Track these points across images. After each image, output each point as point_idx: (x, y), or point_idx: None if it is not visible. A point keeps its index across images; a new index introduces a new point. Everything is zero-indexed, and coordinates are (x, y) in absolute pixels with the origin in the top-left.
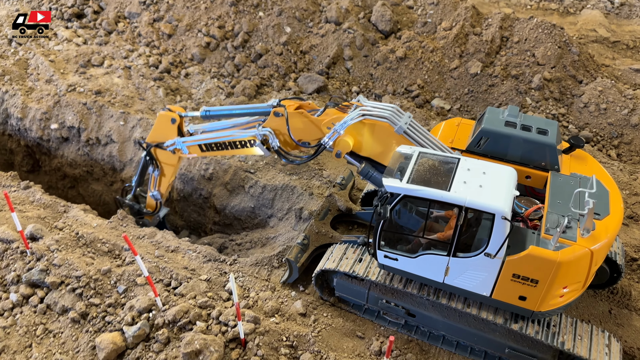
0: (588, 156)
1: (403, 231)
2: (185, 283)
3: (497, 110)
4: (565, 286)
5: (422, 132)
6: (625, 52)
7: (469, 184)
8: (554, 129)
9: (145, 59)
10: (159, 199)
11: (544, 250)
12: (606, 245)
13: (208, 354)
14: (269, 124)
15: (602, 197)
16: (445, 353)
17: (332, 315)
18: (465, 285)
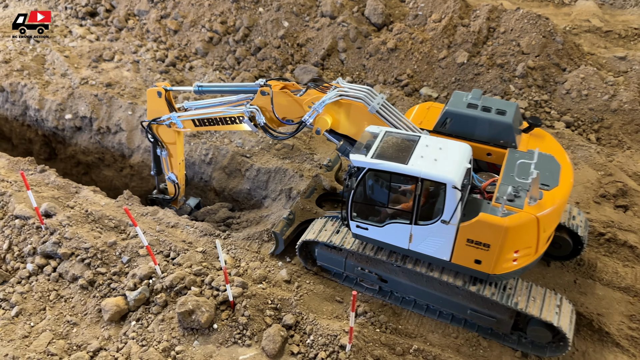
0: (546, 134)
1: (371, 203)
2: (182, 254)
3: (462, 94)
4: (516, 250)
5: (394, 113)
6: (617, 41)
7: (426, 158)
8: (513, 109)
9: (152, 54)
10: (175, 181)
11: (492, 216)
12: (553, 212)
13: (200, 313)
14: (256, 101)
15: (554, 170)
16: (415, 316)
17: (314, 283)
18: (427, 251)
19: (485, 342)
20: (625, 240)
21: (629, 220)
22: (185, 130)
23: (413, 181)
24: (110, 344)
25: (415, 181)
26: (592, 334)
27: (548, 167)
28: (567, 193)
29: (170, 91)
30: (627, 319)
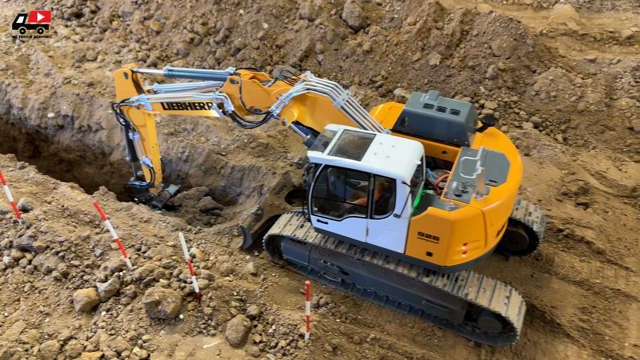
0: (500, 133)
1: (330, 198)
2: (153, 248)
3: (420, 95)
4: (465, 243)
5: (358, 110)
6: (592, 44)
7: (379, 155)
8: (466, 110)
9: (135, 54)
10: (149, 165)
11: (440, 210)
12: (500, 207)
13: (166, 304)
14: (225, 89)
15: (503, 167)
16: (375, 307)
17: (279, 275)
18: (383, 244)
19: (440, 332)
20: (582, 236)
21: (589, 217)
22: (154, 112)
23: (366, 177)
24: (81, 333)
25: (368, 177)
26: (544, 325)
27: (497, 165)
28: (514, 189)
29: (137, 72)
30: (580, 311)
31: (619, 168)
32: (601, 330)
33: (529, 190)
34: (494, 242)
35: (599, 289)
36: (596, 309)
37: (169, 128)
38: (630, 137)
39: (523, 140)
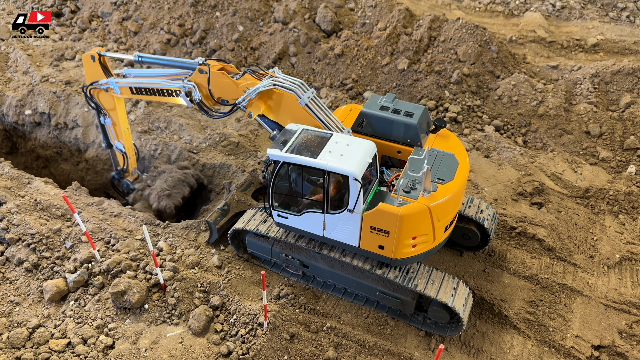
0: (451, 135)
1: (289, 194)
2: (122, 241)
3: (377, 97)
4: (413, 237)
5: (322, 108)
6: (559, 51)
7: (333, 153)
8: (420, 112)
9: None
10: (122, 150)
11: (389, 205)
12: (446, 203)
13: (131, 294)
14: (194, 78)
15: (451, 166)
16: (334, 298)
17: (243, 268)
18: (339, 238)
19: (392, 322)
20: (534, 234)
21: (542, 216)
22: (122, 96)
23: (322, 174)
24: (49, 321)
25: (323, 174)
26: (493, 317)
27: (446, 164)
28: (461, 186)
29: (105, 56)
30: (527, 304)
31: (574, 170)
32: (546, 322)
33: (486, 190)
34: (442, 236)
35: (546, 284)
36: (543, 302)
37: (143, 126)
38: (586, 141)
39: (484, 142)
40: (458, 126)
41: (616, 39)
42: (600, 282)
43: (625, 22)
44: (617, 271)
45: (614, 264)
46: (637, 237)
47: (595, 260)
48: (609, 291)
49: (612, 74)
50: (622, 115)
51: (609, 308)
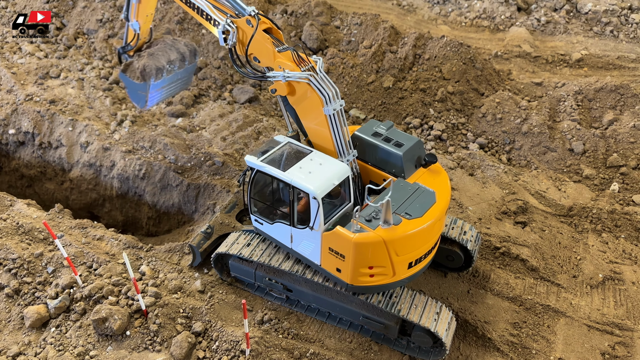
0: (442, 172)
1: (264, 202)
2: (104, 265)
3: (376, 123)
4: (370, 267)
5: (341, 123)
6: (544, 66)
7: (303, 169)
8: (411, 143)
9: (97, 72)
10: (136, 31)
11: (345, 230)
12: (406, 239)
13: (112, 320)
14: (238, 23)
15: (425, 204)
16: (318, 322)
17: (227, 292)
18: (304, 253)
19: (376, 346)
20: (518, 254)
21: (525, 235)
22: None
23: (288, 187)
24: (30, 349)
25: (288, 187)
26: (476, 339)
27: (422, 200)
28: (431, 225)
29: None
30: (511, 326)
31: (558, 188)
32: (529, 345)
33: (470, 209)
34: (404, 273)
35: (530, 305)
36: (526, 324)
37: (127, 146)
38: (570, 158)
39: (468, 160)
40: (443, 144)
41: (600, 54)
42: (584, 302)
43: (609, 36)
44: (600, 291)
45: (597, 283)
46: (619, 256)
47: (578, 280)
48: (592, 312)
49: (595, 91)
50: (604, 132)
51: (592, 329)
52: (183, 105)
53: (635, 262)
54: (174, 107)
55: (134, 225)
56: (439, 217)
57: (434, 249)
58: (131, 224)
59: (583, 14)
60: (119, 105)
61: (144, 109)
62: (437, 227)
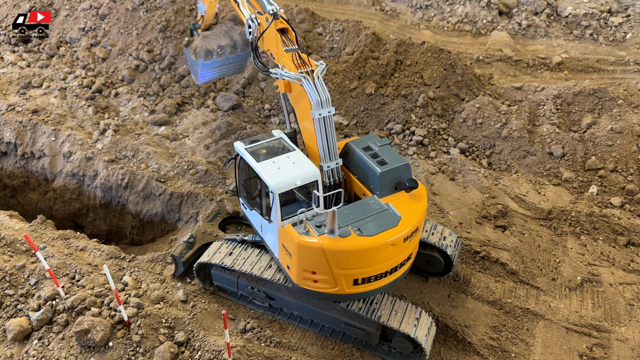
0: (423, 199)
1: (245, 187)
2: (87, 276)
3: (374, 137)
4: (312, 271)
5: (328, 130)
6: (525, 69)
7: (275, 164)
8: (396, 164)
9: (80, 81)
10: (202, 12)
11: (293, 230)
12: (347, 255)
13: (95, 332)
14: (260, 19)
15: (383, 225)
16: (300, 330)
17: (209, 302)
18: (269, 243)
19: (358, 353)
20: (497, 257)
21: (505, 239)
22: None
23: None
24: None
25: (259, 178)
26: (457, 343)
27: (382, 221)
28: (375, 246)
29: None
30: (491, 329)
31: (538, 191)
32: (509, 348)
33: (451, 214)
34: (349, 288)
35: (509, 308)
36: (506, 327)
37: (110, 155)
38: (549, 162)
39: (449, 165)
40: (424, 149)
41: (580, 57)
42: (562, 305)
43: (588, 40)
44: (579, 293)
45: (576, 286)
46: (597, 259)
47: (557, 283)
48: (571, 314)
49: (573, 94)
50: (583, 136)
51: (570, 331)
52: (166, 113)
53: (613, 264)
54: (157, 115)
55: (118, 235)
56: (395, 242)
57: (393, 273)
58: (115, 233)
59: (563, 18)
60: (102, 114)
61: (197, 83)
62: (393, 251)
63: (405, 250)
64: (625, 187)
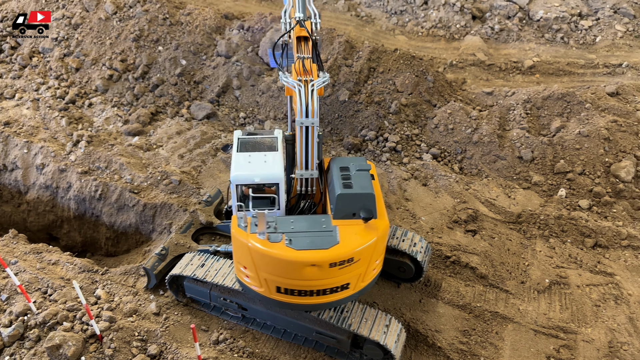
0: (378, 232)
1: None
2: (59, 291)
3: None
4: (243, 265)
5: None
6: (498, 74)
7: (249, 158)
8: (358, 191)
9: (53, 91)
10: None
11: (235, 220)
12: (265, 258)
13: (67, 347)
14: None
15: (316, 244)
16: (273, 340)
17: (182, 314)
18: None
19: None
20: (467, 262)
21: (475, 243)
22: None
23: None
24: None
25: None
26: (427, 348)
27: (318, 240)
28: (291, 260)
29: None
30: (460, 333)
31: (508, 195)
32: (478, 352)
33: (423, 219)
34: (272, 293)
35: (479, 312)
36: (475, 331)
37: (83, 167)
38: (519, 166)
39: (422, 171)
40: (397, 155)
41: (551, 60)
42: (531, 307)
43: (559, 43)
44: (547, 296)
45: (544, 288)
46: (566, 261)
47: (526, 286)
48: (539, 316)
49: (543, 99)
50: (552, 139)
51: (538, 333)
52: (140, 123)
53: (581, 265)
54: (130, 125)
55: (94, 246)
56: (318, 263)
57: (322, 296)
58: (90, 244)
59: (535, 21)
60: (75, 125)
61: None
62: (316, 272)
63: (334, 276)
64: (592, 189)
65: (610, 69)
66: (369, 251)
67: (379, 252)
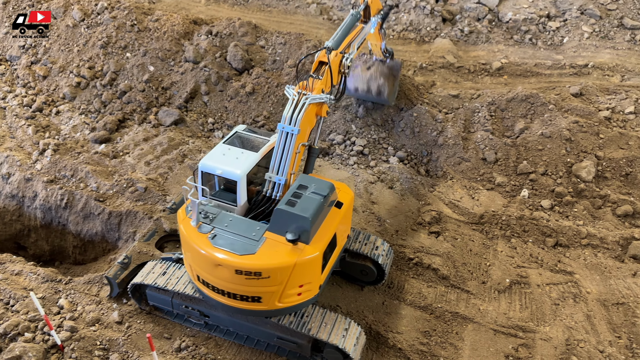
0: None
1: None
2: (21, 301)
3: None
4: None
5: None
6: (467, 76)
7: (227, 151)
8: (297, 212)
9: (20, 100)
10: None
11: (183, 209)
12: (187, 244)
13: (27, 358)
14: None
15: (236, 247)
16: (236, 346)
17: (145, 322)
18: None
19: None
20: (430, 263)
21: (438, 244)
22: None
23: None
24: None
25: None
26: (388, 350)
27: (239, 245)
28: (203, 254)
29: None
30: (421, 334)
31: (472, 196)
32: (438, 352)
33: (388, 222)
34: (195, 279)
35: (440, 313)
36: (436, 331)
37: (49, 175)
38: (483, 167)
39: (388, 174)
40: (365, 158)
41: (519, 62)
42: (491, 307)
43: (528, 44)
44: (507, 295)
45: (505, 288)
46: (526, 260)
47: (487, 286)
48: (499, 316)
49: (507, 101)
50: (515, 141)
51: (497, 333)
52: (107, 130)
53: (541, 265)
54: (97, 133)
55: (61, 254)
56: (222, 264)
57: (229, 299)
58: (58, 253)
59: (504, 23)
60: (42, 134)
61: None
62: (221, 272)
63: (241, 284)
64: (554, 189)
65: (576, 69)
66: (284, 272)
67: (300, 277)
